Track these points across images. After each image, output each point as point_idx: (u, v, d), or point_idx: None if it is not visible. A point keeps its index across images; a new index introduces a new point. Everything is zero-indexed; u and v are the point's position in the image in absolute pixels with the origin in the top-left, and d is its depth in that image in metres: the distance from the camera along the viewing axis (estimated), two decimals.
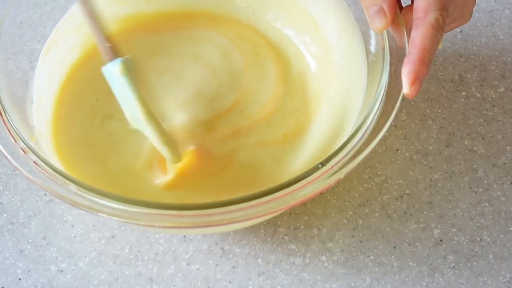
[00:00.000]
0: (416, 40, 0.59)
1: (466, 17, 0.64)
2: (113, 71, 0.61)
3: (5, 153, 0.59)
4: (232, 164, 0.67)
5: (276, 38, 0.75)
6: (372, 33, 0.66)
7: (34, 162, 0.59)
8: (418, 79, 0.58)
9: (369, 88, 0.65)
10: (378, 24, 0.62)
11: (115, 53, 0.62)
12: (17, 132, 0.60)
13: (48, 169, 0.58)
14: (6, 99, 0.62)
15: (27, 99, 0.67)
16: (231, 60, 0.73)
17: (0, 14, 0.67)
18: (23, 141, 0.60)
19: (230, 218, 0.56)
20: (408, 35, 0.62)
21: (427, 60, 0.58)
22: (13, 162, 0.59)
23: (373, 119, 0.60)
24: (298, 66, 0.73)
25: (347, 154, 0.59)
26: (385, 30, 0.63)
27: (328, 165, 0.58)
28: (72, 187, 0.57)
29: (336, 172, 0.58)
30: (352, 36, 0.69)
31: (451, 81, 0.77)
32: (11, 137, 0.60)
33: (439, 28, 0.59)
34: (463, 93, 0.77)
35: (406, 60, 0.59)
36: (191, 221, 0.57)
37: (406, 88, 0.58)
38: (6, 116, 0.61)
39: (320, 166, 0.58)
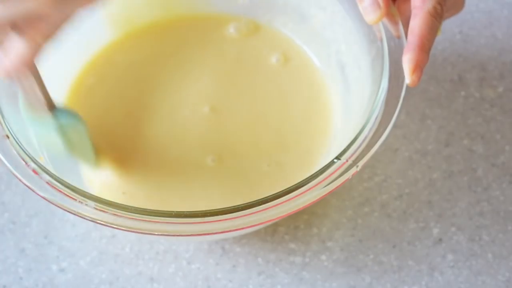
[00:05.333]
0: (415, 28, 0.59)
1: (460, 6, 0.65)
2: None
3: (18, 175, 0.58)
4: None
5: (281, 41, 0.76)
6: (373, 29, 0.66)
7: (48, 182, 0.58)
8: (419, 67, 0.58)
9: (371, 80, 0.65)
10: (372, 16, 0.62)
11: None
12: (27, 153, 0.59)
13: (65, 188, 0.58)
14: (10, 122, 0.62)
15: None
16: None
17: None
18: (34, 161, 0.59)
19: (251, 221, 0.57)
20: (404, 25, 0.62)
21: (427, 48, 0.59)
22: (27, 183, 0.58)
23: (380, 108, 0.60)
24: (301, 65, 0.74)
25: (359, 146, 0.59)
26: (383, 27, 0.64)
27: (343, 159, 0.59)
28: (91, 203, 0.57)
29: (351, 165, 0.58)
30: (356, 36, 0.69)
31: (450, 81, 0.78)
32: (21, 160, 0.59)
33: (437, 16, 0.59)
34: (462, 93, 0.77)
35: (406, 49, 0.59)
36: (211, 228, 0.57)
37: (407, 76, 0.59)
38: (14, 139, 0.60)
39: (335, 160, 0.59)
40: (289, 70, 0.74)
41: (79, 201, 0.57)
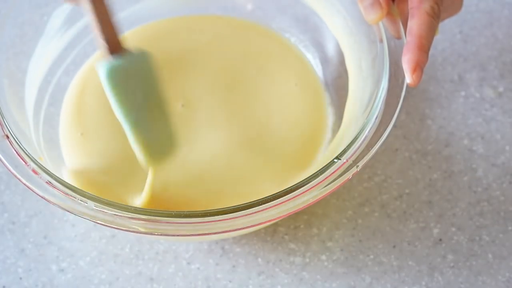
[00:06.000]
0: (413, 28, 0.59)
1: (457, 6, 0.65)
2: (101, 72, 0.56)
3: (18, 175, 0.59)
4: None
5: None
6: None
7: (48, 182, 0.58)
8: (419, 66, 0.58)
9: (371, 80, 0.65)
10: (373, 16, 0.62)
11: (113, 48, 0.56)
12: (27, 153, 0.59)
13: (64, 188, 0.58)
14: (11, 122, 0.62)
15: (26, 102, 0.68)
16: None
17: (1, 15, 0.67)
18: (33, 161, 0.59)
19: (251, 221, 0.57)
20: (403, 25, 0.62)
21: (426, 48, 0.59)
22: (27, 183, 0.58)
23: (380, 108, 0.61)
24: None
25: (359, 146, 0.59)
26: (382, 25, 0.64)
27: (343, 159, 0.59)
28: (90, 203, 0.57)
29: (352, 165, 0.58)
30: (357, 36, 0.69)
31: (451, 81, 0.78)
32: (21, 160, 0.59)
33: (434, 16, 0.59)
34: (462, 93, 0.77)
35: (405, 49, 0.59)
36: (211, 228, 0.57)
37: (408, 76, 0.59)
38: (14, 139, 0.60)
39: (335, 160, 0.59)
40: (288, 70, 0.74)
41: (79, 201, 0.57)
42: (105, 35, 0.54)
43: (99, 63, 0.56)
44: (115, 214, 0.57)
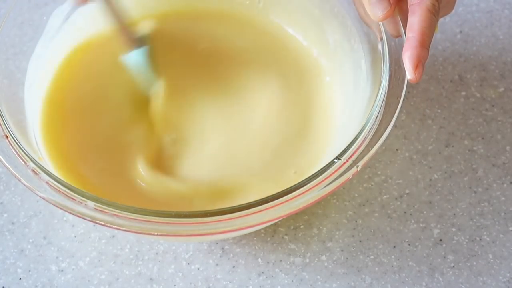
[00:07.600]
0: (414, 25, 0.59)
1: (450, 7, 0.65)
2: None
3: (17, 175, 0.59)
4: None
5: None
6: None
7: (47, 182, 0.58)
8: (420, 63, 0.58)
9: (371, 80, 0.65)
10: (380, 13, 0.62)
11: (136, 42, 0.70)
12: (27, 153, 0.59)
13: (64, 188, 0.58)
14: (10, 122, 0.61)
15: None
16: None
17: (0, 15, 0.67)
18: (33, 161, 0.59)
19: (251, 221, 0.57)
20: (402, 23, 0.62)
21: (427, 44, 0.59)
22: (26, 184, 0.58)
23: (380, 108, 0.60)
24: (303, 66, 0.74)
25: (359, 146, 0.59)
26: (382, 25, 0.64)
27: (343, 159, 0.58)
28: (90, 203, 0.57)
29: (352, 165, 0.58)
30: (353, 36, 0.69)
31: (451, 81, 0.78)
32: (21, 160, 0.59)
33: (435, 13, 0.59)
34: (463, 93, 0.77)
35: (406, 45, 0.59)
36: (211, 228, 0.57)
37: (410, 73, 0.58)
38: (14, 139, 0.60)
39: (336, 160, 0.58)
40: (287, 70, 0.74)
41: (78, 201, 0.57)
42: (128, 35, 0.70)
43: (127, 55, 0.70)
44: (114, 214, 0.57)
